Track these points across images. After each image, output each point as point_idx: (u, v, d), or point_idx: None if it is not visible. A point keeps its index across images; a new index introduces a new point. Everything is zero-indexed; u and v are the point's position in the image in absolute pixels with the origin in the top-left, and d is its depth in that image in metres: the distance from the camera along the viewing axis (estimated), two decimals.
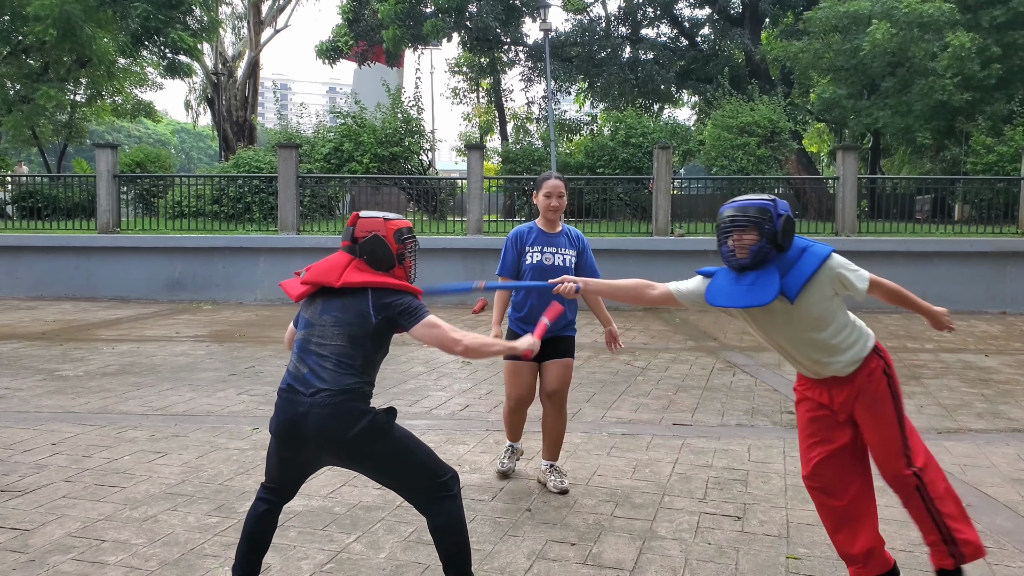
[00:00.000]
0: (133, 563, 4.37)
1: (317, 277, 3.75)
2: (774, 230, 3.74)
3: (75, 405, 7.93)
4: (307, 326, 3.74)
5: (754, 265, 3.79)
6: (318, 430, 3.55)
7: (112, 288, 16.63)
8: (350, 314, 3.66)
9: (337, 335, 3.65)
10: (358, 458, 3.65)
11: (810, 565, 4.41)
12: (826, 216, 18.31)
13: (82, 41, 22.25)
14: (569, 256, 5.60)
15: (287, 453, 3.72)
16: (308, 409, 3.56)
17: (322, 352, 3.64)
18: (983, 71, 20.48)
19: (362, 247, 3.76)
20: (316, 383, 3.59)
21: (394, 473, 3.71)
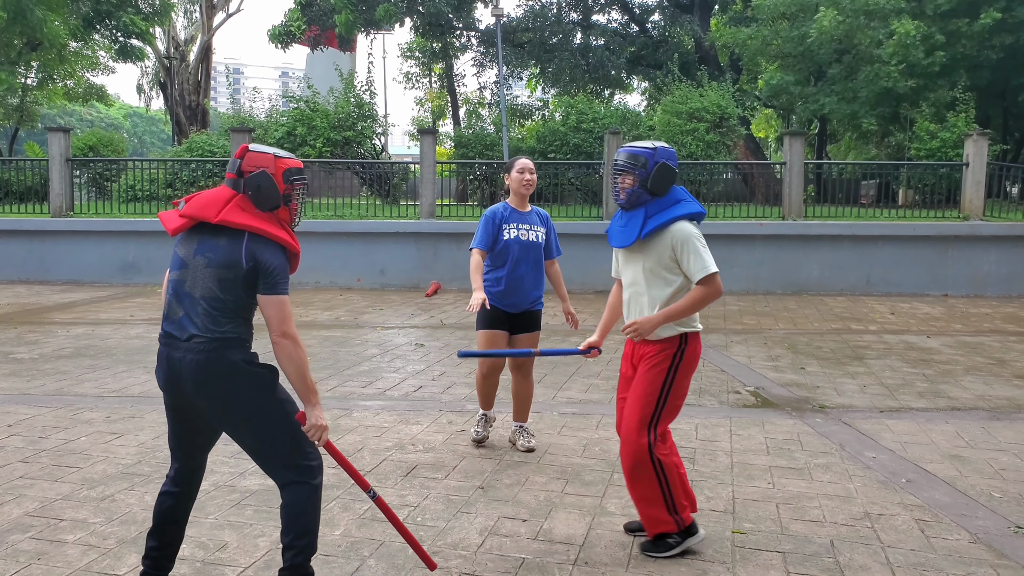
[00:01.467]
0: (91, 541, 4.44)
1: (195, 211, 3.52)
2: (646, 175, 4.18)
3: (30, 387, 7.93)
4: (181, 266, 3.56)
5: (629, 206, 4.28)
6: (194, 378, 3.45)
7: (66, 272, 16.48)
8: (222, 255, 3.48)
9: (209, 277, 3.48)
10: (233, 409, 3.52)
11: (755, 539, 4.58)
12: (773, 201, 18.60)
13: (32, 24, 21.95)
14: (540, 232, 6.02)
15: (176, 404, 3.61)
16: (183, 355, 3.45)
17: (194, 295, 3.49)
18: (927, 58, 20.88)
19: (248, 182, 3.53)
20: (190, 328, 3.47)
21: (262, 432, 3.55)
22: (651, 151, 4.21)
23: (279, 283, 3.51)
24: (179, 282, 3.54)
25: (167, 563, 3.77)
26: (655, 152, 4.21)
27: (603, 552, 4.40)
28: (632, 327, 4.22)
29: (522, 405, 6.21)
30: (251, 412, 3.53)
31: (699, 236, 4.22)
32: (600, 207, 17.25)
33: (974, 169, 16.71)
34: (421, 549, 3.97)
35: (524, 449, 6.06)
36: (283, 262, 3.56)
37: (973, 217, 16.51)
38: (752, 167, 23.17)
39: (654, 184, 4.18)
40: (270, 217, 3.58)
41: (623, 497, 5.17)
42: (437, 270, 15.86)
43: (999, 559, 4.36)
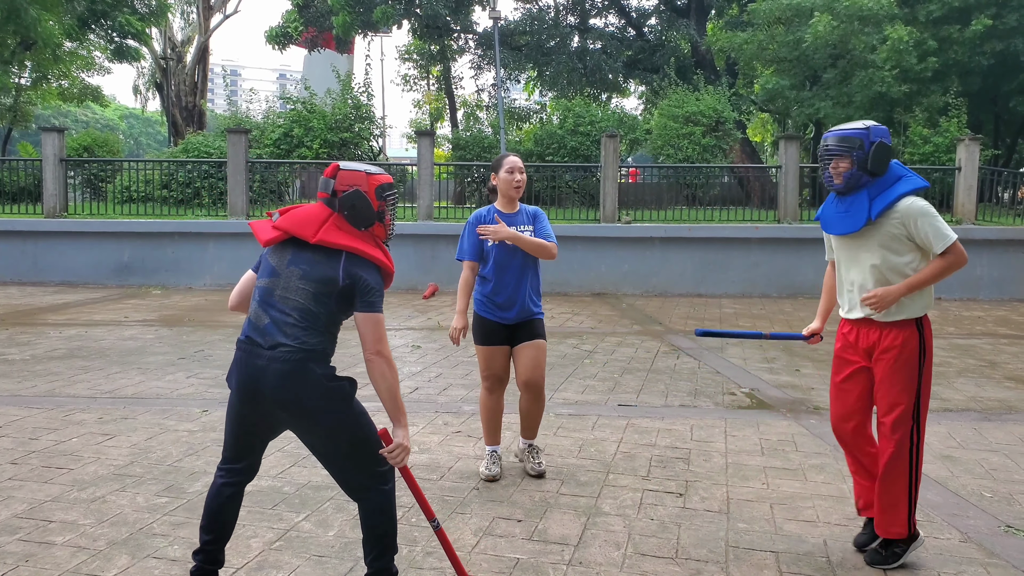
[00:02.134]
0: (81, 543, 4.40)
1: (292, 227, 3.53)
2: (864, 156, 4.03)
3: (21, 388, 7.88)
4: (272, 274, 3.56)
5: (847, 190, 4.12)
6: (276, 386, 3.42)
7: (60, 273, 16.43)
8: (319, 271, 3.49)
9: (303, 289, 3.48)
10: (312, 421, 3.50)
11: (748, 539, 4.57)
12: (769, 204, 18.63)
13: (26, 24, 21.86)
14: (528, 232, 5.48)
15: (246, 411, 3.57)
16: (267, 363, 3.42)
17: (286, 305, 3.48)
18: (920, 64, 20.99)
19: (342, 202, 3.55)
20: (277, 336, 3.44)
21: (342, 445, 3.55)
22: (864, 131, 4.07)
23: (376, 302, 3.54)
24: (269, 290, 3.54)
25: (221, 555, 3.74)
26: (869, 131, 4.06)
27: (597, 552, 4.38)
28: (873, 297, 4.06)
29: (531, 423, 5.68)
30: (333, 425, 3.52)
31: (931, 208, 4.06)
32: (597, 210, 17.22)
33: (966, 174, 16.74)
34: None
35: (534, 474, 5.56)
36: (380, 281, 3.59)
37: (966, 221, 16.52)
38: (748, 171, 23.18)
39: (874, 164, 4.03)
40: (366, 235, 3.61)
41: (618, 497, 5.17)
42: (435, 272, 15.81)
43: (989, 558, 4.37)
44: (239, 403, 3.57)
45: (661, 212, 17.92)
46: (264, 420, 3.61)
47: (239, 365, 3.53)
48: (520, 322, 5.48)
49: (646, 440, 6.43)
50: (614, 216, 16.68)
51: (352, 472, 3.62)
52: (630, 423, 6.90)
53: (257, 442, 3.73)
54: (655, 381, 8.52)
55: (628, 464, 5.85)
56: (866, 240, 4.14)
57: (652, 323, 12.44)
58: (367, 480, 3.61)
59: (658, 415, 7.19)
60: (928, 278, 4.06)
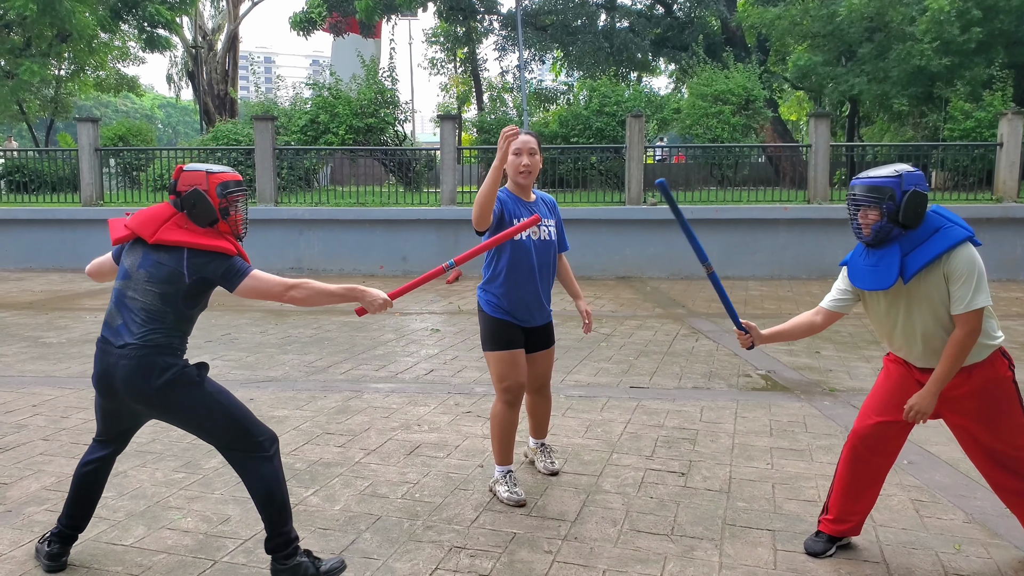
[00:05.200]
0: (102, 514, 4.58)
1: (136, 226, 3.72)
2: (895, 208, 3.65)
3: (56, 370, 8.17)
4: (125, 276, 3.73)
5: (877, 243, 3.75)
6: (125, 381, 3.61)
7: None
8: (163, 271, 3.64)
9: (149, 291, 3.64)
10: (166, 409, 3.69)
11: (746, 518, 4.63)
12: (800, 184, 18.50)
13: (62, 15, 22.28)
14: (551, 228, 4.92)
15: (106, 404, 3.82)
16: (116, 360, 3.62)
17: (134, 306, 3.65)
18: (963, 35, 20.22)
19: (184, 201, 3.72)
20: (125, 336, 3.62)
21: (204, 426, 3.73)
22: (896, 179, 3.66)
23: (240, 271, 3.73)
24: (121, 291, 3.72)
25: (85, 521, 4.03)
26: (901, 179, 3.66)
27: (594, 528, 4.48)
28: (911, 412, 3.77)
29: (541, 421, 5.35)
30: (187, 410, 3.71)
31: (976, 263, 3.63)
32: (623, 192, 17.22)
33: (1008, 150, 16.43)
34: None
35: (547, 472, 5.28)
36: (230, 260, 3.73)
37: (1007, 199, 16.27)
38: (780, 150, 22.99)
39: (906, 216, 3.64)
40: (211, 232, 3.76)
41: (619, 476, 5.27)
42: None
43: (991, 538, 4.39)
44: (98, 396, 3.84)
45: (688, 193, 17.89)
46: (124, 411, 3.84)
47: (96, 362, 3.75)
48: (536, 326, 4.99)
49: (654, 421, 6.51)
50: (639, 198, 16.67)
51: (227, 447, 3.77)
52: (640, 404, 6.98)
53: (127, 427, 3.98)
54: (670, 364, 8.58)
55: (633, 444, 5.93)
56: (906, 295, 3.76)
57: (675, 306, 12.48)
58: (244, 455, 3.76)
59: (669, 397, 7.25)
60: (954, 362, 3.66)
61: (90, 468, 3.96)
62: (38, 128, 29.06)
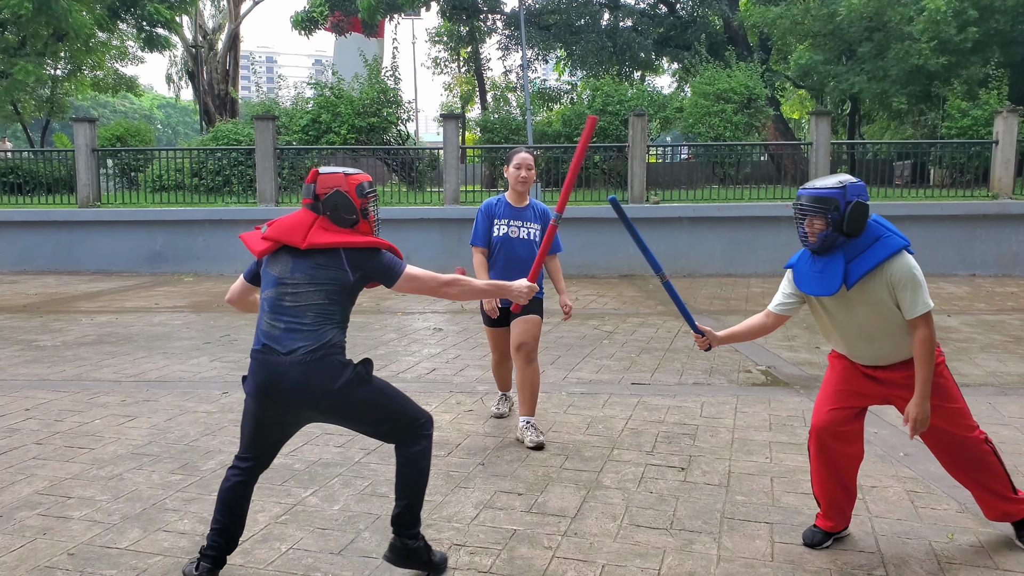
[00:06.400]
0: (97, 517, 4.56)
1: (281, 235, 3.68)
2: (840, 218, 3.82)
3: (50, 373, 8.10)
4: (277, 284, 3.67)
5: (823, 250, 3.92)
6: (299, 387, 3.54)
7: (94, 261, 16.75)
8: (325, 273, 3.63)
9: (313, 292, 3.62)
10: (341, 410, 3.67)
11: (745, 511, 4.62)
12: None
13: (57, 14, 22.17)
14: (534, 230, 5.88)
15: (266, 415, 3.68)
16: (287, 368, 3.53)
17: (298, 309, 3.60)
18: (959, 35, 20.48)
19: (325, 204, 3.70)
20: (294, 341, 3.56)
21: (375, 422, 3.76)
22: (840, 190, 3.84)
23: (398, 267, 3.78)
24: (277, 298, 3.65)
25: (236, 541, 3.83)
26: (845, 190, 3.84)
27: (593, 524, 4.46)
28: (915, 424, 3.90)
29: (529, 395, 5.88)
30: (361, 409, 3.70)
31: (915, 269, 3.84)
32: (626, 191, 17.18)
33: (1004, 147, 16.50)
34: None
35: (532, 445, 5.71)
36: (387, 255, 3.79)
37: (1002, 196, 16.31)
38: (782, 149, 22.98)
39: (849, 226, 3.83)
40: (353, 232, 3.76)
41: (620, 472, 5.24)
42: (461, 256, 15.84)
43: (983, 527, 4.40)
44: (257, 407, 3.68)
45: (690, 192, 17.86)
46: (284, 421, 3.75)
47: (256, 373, 3.63)
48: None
49: (655, 417, 6.49)
50: (642, 196, 16.65)
51: (392, 432, 3.82)
52: (641, 401, 6.95)
53: (275, 441, 3.84)
54: (672, 360, 8.55)
55: (634, 440, 5.91)
56: (853, 301, 3.94)
57: None
58: (409, 434, 3.81)
59: (670, 393, 7.23)
60: (928, 363, 3.86)
61: (236, 482, 3.78)
62: (33, 129, 29.08)
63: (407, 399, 3.84)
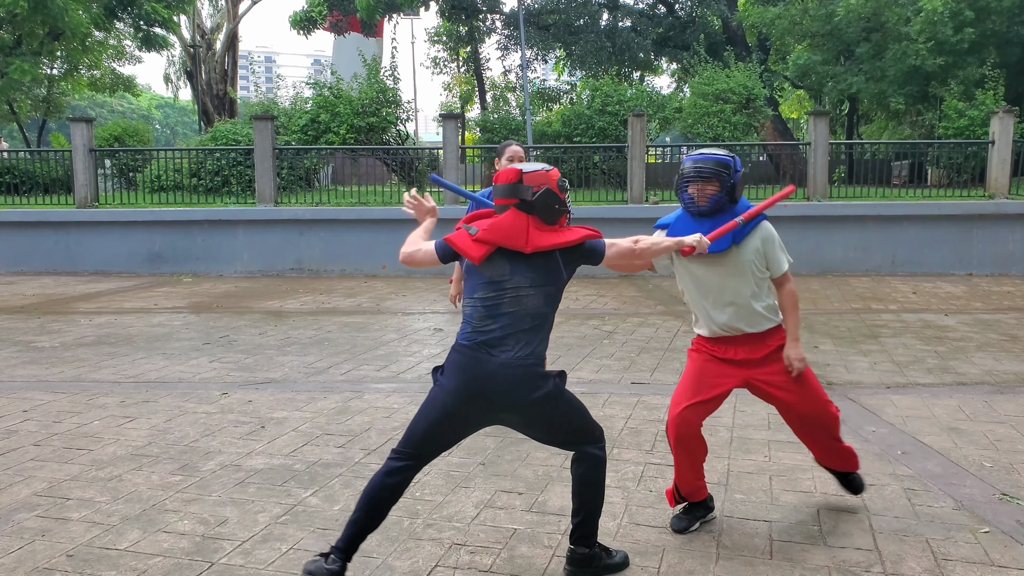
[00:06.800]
0: (96, 519, 4.56)
1: (500, 239, 3.59)
2: (732, 183, 4.13)
3: (49, 374, 8.10)
4: (495, 287, 3.60)
5: (711, 213, 4.17)
6: (507, 391, 3.53)
7: (93, 262, 16.74)
8: (544, 275, 3.60)
9: (534, 296, 3.59)
10: (537, 419, 3.67)
11: (744, 509, 4.63)
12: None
13: (54, 13, 22.11)
14: None
15: (462, 411, 3.63)
16: (498, 370, 3.52)
17: (517, 314, 3.57)
18: (956, 35, 20.57)
19: (536, 204, 3.60)
20: (510, 345, 3.55)
21: (562, 431, 3.75)
22: (731, 158, 4.19)
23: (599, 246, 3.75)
24: (494, 302, 3.59)
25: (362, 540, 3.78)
26: (734, 160, 4.20)
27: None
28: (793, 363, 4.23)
29: None
30: (554, 420, 3.70)
31: (776, 233, 4.30)
32: (625, 191, 17.18)
33: (1000, 147, 16.52)
34: None
35: None
36: (593, 242, 3.73)
37: (999, 195, 16.32)
38: (780, 149, 22.99)
39: (737, 191, 4.17)
40: (562, 230, 3.71)
41: (619, 471, 5.26)
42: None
43: (979, 524, 4.42)
44: (455, 403, 3.61)
45: None
46: (475, 421, 3.72)
47: (464, 369, 3.59)
48: None
49: (655, 416, 6.50)
50: (642, 197, 16.64)
51: (575, 441, 3.80)
52: (641, 400, 6.96)
53: (449, 441, 3.80)
54: (672, 360, 8.55)
55: (633, 439, 5.92)
56: (730, 262, 4.21)
57: (676, 303, 12.44)
58: (588, 444, 3.79)
59: (670, 392, 7.14)
60: (794, 312, 4.32)
61: (393, 482, 3.71)
62: (30, 128, 29.04)
63: (587, 410, 3.83)
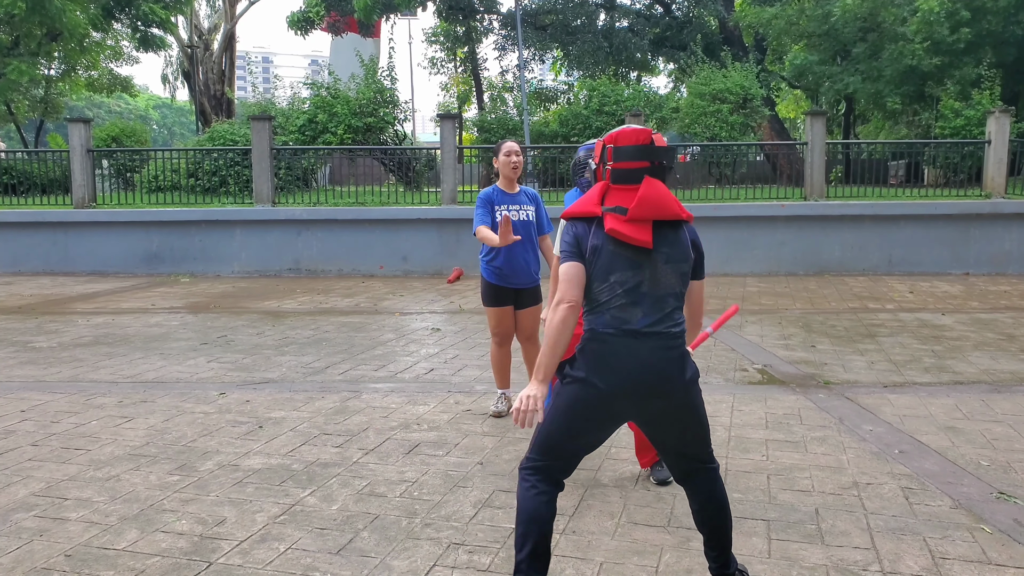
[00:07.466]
0: (93, 518, 4.56)
1: (656, 211, 3.23)
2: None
3: (46, 375, 8.09)
4: (633, 266, 3.23)
5: None
6: (662, 376, 3.22)
7: (90, 263, 16.74)
8: (678, 251, 3.29)
9: (671, 273, 3.27)
10: (682, 406, 3.31)
11: (742, 508, 4.62)
12: (797, 181, 18.49)
13: (51, 14, 22.12)
14: (530, 211, 6.36)
15: (614, 407, 3.29)
16: (650, 353, 3.21)
17: (658, 295, 3.24)
18: (952, 35, 20.57)
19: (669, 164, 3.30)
20: (659, 326, 3.23)
21: (694, 430, 3.39)
22: None
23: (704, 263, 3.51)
24: (634, 284, 3.24)
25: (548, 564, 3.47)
26: None
27: (592, 521, 4.47)
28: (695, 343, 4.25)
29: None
30: (697, 407, 3.37)
31: None
32: None
33: (996, 147, 16.56)
34: None
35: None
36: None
37: (995, 195, 16.35)
38: (778, 149, 23.01)
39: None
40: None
41: (618, 471, 5.26)
42: (459, 256, 15.87)
43: (976, 523, 4.42)
44: (605, 400, 3.27)
45: (687, 191, 17.88)
46: (623, 416, 3.39)
47: (613, 359, 3.24)
48: (523, 288, 6.36)
49: None
50: None
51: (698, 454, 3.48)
52: None
53: (594, 441, 3.47)
54: None
55: (631, 439, 5.89)
56: None
57: None
58: (706, 463, 3.50)
59: None
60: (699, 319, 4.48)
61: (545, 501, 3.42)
62: (27, 129, 28.99)
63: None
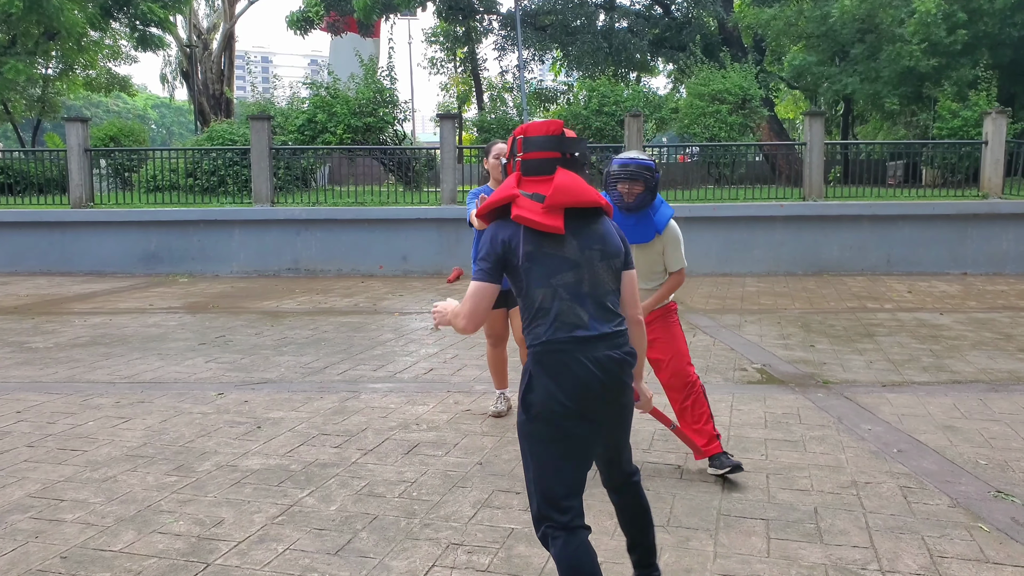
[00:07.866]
0: (90, 520, 4.54)
1: (573, 198, 2.97)
2: (655, 183, 4.85)
3: (43, 375, 8.07)
4: (570, 266, 2.98)
5: (636, 208, 4.87)
6: (615, 376, 2.99)
7: (88, 262, 16.72)
8: (609, 244, 3.07)
9: (605, 270, 3.04)
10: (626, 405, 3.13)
11: (740, 508, 4.63)
12: (796, 181, 18.49)
13: (49, 13, 22.06)
14: None
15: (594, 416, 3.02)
16: (604, 358, 2.96)
17: (596, 295, 3.00)
18: (949, 37, 20.59)
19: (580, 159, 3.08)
20: (606, 327, 2.99)
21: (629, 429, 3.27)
22: (653, 162, 4.85)
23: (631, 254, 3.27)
24: (574, 284, 3.00)
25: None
26: (655, 162, 4.85)
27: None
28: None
29: None
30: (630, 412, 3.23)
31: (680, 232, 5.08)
32: None
33: (993, 147, 16.59)
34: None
35: None
36: None
37: (992, 195, 16.38)
38: (776, 149, 23.01)
39: (656, 190, 4.88)
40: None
41: None
42: (459, 256, 15.85)
43: (974, 521, 4.43)
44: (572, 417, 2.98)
45: (686, 192, 17.86)
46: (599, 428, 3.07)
47: (569, 369, 2.96)
48: None
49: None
50: None
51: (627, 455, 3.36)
52: None
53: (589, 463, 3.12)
54: None
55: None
56: (646, 251, 5.00)
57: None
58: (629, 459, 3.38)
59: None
60: (665, 294, 5.15)
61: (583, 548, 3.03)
62: (24, 128, 28.89)
63: None
